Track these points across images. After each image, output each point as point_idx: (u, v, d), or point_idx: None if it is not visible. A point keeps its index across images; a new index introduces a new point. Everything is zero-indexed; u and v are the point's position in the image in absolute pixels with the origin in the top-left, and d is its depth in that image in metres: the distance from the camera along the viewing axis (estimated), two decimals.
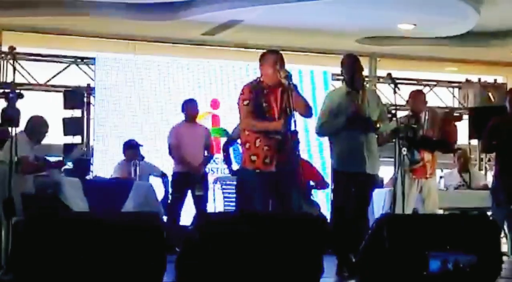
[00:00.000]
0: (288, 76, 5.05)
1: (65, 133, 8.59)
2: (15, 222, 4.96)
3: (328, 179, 8.20)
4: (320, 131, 5.59)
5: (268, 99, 5.08)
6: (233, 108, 5.30)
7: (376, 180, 5.74)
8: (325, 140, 8.61)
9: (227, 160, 7.32)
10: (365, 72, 6.22)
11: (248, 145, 5.09)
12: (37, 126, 6.49)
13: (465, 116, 9.49)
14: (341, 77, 8.62)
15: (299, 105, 5.08)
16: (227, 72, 9.05)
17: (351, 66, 5.51)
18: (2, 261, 4.94)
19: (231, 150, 7.36)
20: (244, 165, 5.15)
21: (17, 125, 6.77)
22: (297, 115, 5.06)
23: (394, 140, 5.96)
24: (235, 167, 6.99)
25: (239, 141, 5.95)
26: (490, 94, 10.14)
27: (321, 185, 7.76)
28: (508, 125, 6.30)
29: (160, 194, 7.51)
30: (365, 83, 5.62)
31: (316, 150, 9.14)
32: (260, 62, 5.18)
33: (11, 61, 8.78)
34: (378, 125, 5.45)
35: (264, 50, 5.34)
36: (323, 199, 8.39)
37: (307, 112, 5.17)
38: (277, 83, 5.08)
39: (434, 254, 4.22)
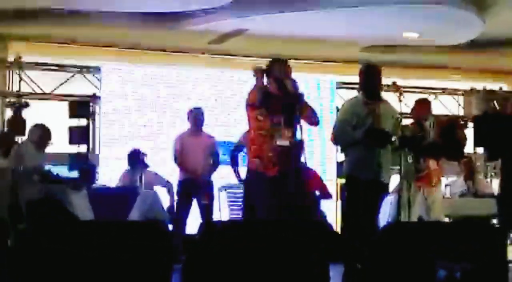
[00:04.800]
0: (295, 85, 5.08)
1: (71, 142, 8.62)
2: (21, 230, 4.97)
3: (331, 188, 8.23)
4: (336, 141, 5.58)
5: (275, 108, 5.11)
6: (240, 117, 5.34)
7: (388, 188, 5.74)
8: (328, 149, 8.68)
9: (234, 167, 7.33)
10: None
11: (254, 146, 5.13)
12: (42, 134, 6.53)
13: (470, 124, 9.48)
14: (348, 86, 8.65)
15: (305, 114, 5.10)
16: (233, 81, 9.07)
17: (370, 76, 5.49)
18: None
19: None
20: (248, 167, 5.21)
21: (23, 134, 6.82)
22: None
23: (401, 148, 5.97)
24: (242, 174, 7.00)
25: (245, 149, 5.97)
26: (495, 102, 10.13)
27: (325, 195, 7.74)
28: None
29: (165, 202, 7.52)
30: (380, 92, 5.59)
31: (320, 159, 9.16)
32: (267, 71, 5.21)
33: (17, 70, 8.82)
34: (393, 139, 5.44)
35: (270, 59, 5.37)
36: (329, 207, 8.38)
37: (313, 121, 5.20)
38: (284, 92, 5.11)
39: (440, 262, 4.22)
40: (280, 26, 8.15)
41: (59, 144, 7.24)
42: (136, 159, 7.72)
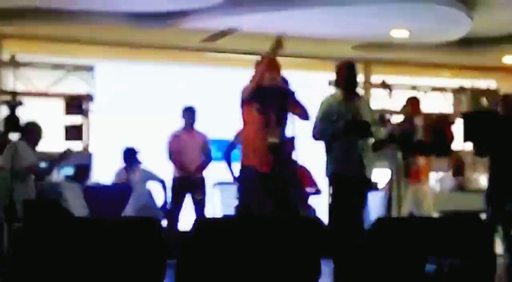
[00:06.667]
0: (285, 82, 5.16)
1: (66, 139, 8.66)
2: (17, 228, 5.02)
3: (322, 183, 8.28)
4: (316, 137, 5.66)
5: (267, 106, 5.18)
6: (234, 115, 5.39)
7: (372, 182, 5.81)
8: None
9: (229, 166, 7.38)
10: (360, 78, 6.27)
11: (247, 141, 5.20)
12: (34, 132, 6.55)
13: (459, 121, 9.55)
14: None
15: (296, 109, 5.18)
16: (226, 78, 9.11)
17: (347, 73, 5.56)
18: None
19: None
20: (242, 163, 5.26)
21: (17, 132, 6.83)
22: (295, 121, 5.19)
23: (389, 145, 6.05)
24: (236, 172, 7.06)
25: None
26: (483, 99, 10.22)
27: (315, 191, 7.79)
28: (500, 129, 6.37)
29: (159, 199, 7.57)
30: (358, 89, 5.69)
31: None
32: (257, 68, 5.28)
33: (11, 69, 8.84)
34: (373, 128, 5.53)
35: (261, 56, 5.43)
36: (319, 202, 8.43)
37: (304, 116, 5.27)
38: (276, 89, 5.18)
39: (429, 257, 4.28)
40: (273, 24, 8.18)
41: (53, 142, 7.27)
42: (130, 156, 7.77)
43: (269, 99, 5.14)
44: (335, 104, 5.50)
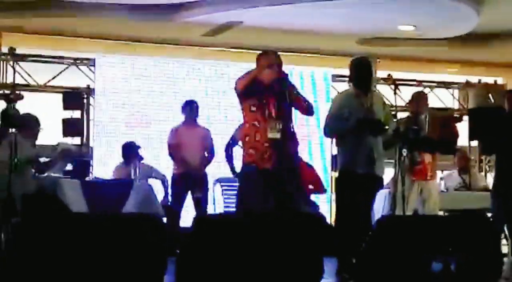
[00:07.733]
0: (286, 76, 5.08)
1: (65, 135, 8.60)
2: (15, 223, 4.96)
3: (327, 181, 8.23)
4: (328, 133, 5.60)
5: (266, 100, 5.10)
6: (234, 111, 5.32)
7: (382, 181, 5.76)
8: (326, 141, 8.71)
9: (229, 161, 7.32)
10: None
11: (248, 138, 5.13)
12: (32, 125, 6.49)
13: (465, 117, 9.50)
14: (344, 79, 8.67)
15: (298, 104, 5.10)
16: (227, 73, 9.06)
17: (361, 69, 5.52)
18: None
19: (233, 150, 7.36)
20: (243, 160, 5.19)
21: (16, 126, 6.77)
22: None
23: (396, 142, 5.97)
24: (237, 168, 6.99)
25: (240, 143, 5.96)
26: (489, 95, 10.16)
27: (319, 189, 7.73)
28: (507, 126, 6.30)
29: (159, 195, 7.50)
30: (372, 85, 5.66)
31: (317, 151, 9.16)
32: (257, 63, 5.20)
33: (11, 62, 8.78)
34: (386, 127, 5.47)
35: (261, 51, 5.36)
36: (322, 199, 8.39)
37: (307, 110, 5.21)
38: (275, 83, 5.10)
39: (435, 256, 4.24)
40: (275, 18, 8.14)
41: (53, 136, 7.22)
42: (130, 151, 7.71)
43: (268, 94, 5.05)
44: (347, 101, 5.48)
